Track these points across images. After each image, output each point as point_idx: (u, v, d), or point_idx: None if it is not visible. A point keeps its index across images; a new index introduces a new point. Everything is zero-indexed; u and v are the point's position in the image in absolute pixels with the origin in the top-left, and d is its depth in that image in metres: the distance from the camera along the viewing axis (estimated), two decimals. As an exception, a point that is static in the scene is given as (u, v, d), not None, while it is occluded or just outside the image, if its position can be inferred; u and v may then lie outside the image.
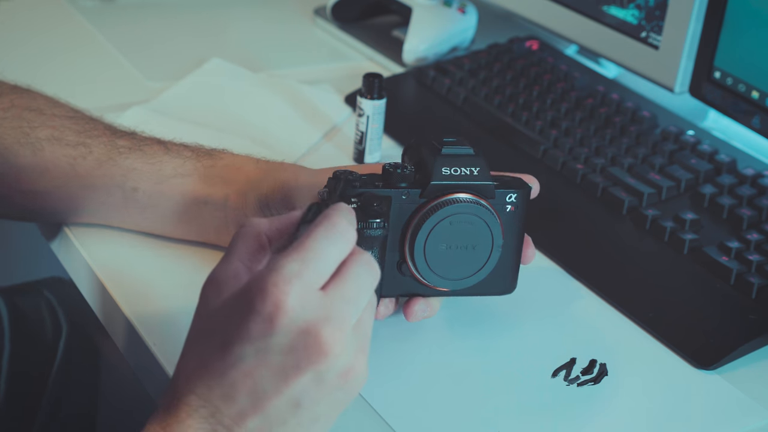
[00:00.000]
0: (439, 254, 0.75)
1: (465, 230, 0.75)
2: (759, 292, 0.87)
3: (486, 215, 0.75)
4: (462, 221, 0.75)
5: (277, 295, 0.59)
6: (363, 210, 0.72)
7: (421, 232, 0.74)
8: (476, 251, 0.76)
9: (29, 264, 1.13)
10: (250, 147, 1.04)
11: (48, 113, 0.87)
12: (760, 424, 0.77)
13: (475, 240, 0.76)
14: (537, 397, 0.77)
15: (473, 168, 0.75)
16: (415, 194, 0.74)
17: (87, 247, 0.88)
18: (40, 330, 1.07)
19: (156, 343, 0.78)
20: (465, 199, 0.74)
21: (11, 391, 1.04)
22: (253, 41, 1.30)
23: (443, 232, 0.75)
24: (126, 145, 0.86)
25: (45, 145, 0.84)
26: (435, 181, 0.74)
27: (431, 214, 0.74)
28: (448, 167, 0.74)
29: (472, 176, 0.75)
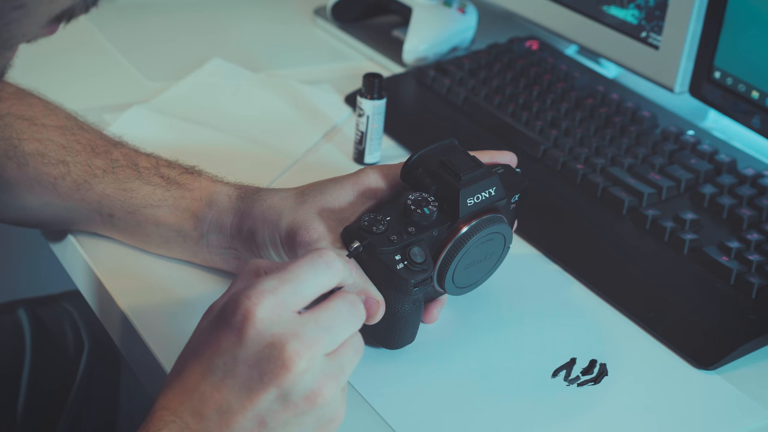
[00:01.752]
0: (464, 272, 0.78)
1: (487, 246, 0.78)
2: (759, 292, 0.86)
3: (501, 227, 0.78)
4: (485, 240, 0.78)
5: (247, 305, 0.59)
6: (411, 267, 0.74)
7: (453, 263, 0.76)
8: (492, 258, 0.80)
9: (50, 276, 1.13)
10: (250, 147, 1.04)
11: (39, 123, 0.87)
12: (760, 424, 0.77)
13: (492, 250, 0.79)
14: (537, 397, 0.77)
15: (491, 189, 0.77)
16: (443, 229, 0.76)
17: (91, 254, 0.88)
18: (62, 344, 1.08)
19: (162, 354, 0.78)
20: (487, 222, 0.77)
21: (31, 405, 1.04)
22: (253, 41, 1.30)
23: (469, 256, 0.77)
24: (101, 167, 0.85)
25: (29, 161, 0.85)
26: (463, 214, 0.76)
27: (460, 247, 0.76)
28: (472, 197, 0.76)
29: (491, 198, 0.77)
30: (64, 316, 1.10)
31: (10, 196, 0.86)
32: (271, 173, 0.99)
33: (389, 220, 0.75)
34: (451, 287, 0.78)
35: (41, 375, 1.05)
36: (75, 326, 1.09)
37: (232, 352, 0.60)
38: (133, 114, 1.07)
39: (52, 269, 0.98)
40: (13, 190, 0.86)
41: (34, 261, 1.37)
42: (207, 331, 0.62)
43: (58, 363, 1.07)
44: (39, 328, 1.07)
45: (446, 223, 0.76)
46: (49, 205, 0.86)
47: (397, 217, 0.75)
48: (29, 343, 1.06)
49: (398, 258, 0.74)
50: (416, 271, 0.74)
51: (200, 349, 0.61)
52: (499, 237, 0.79)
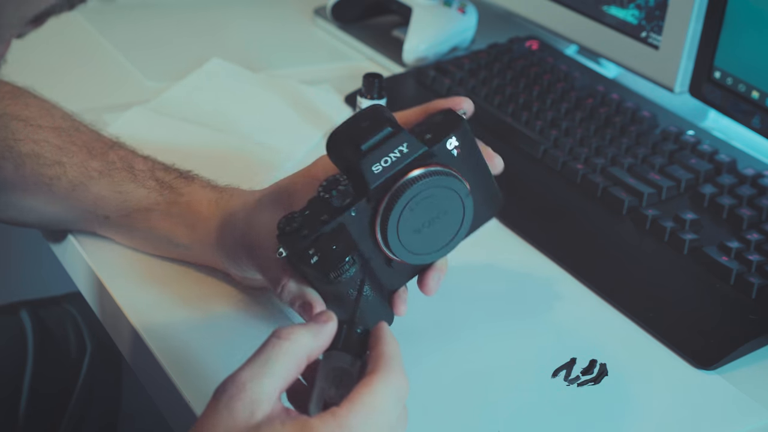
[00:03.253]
0: (419, 237, 0.71)
1: (429, 204, 0.71)
2: (759, 292, 0.86)
3: (438, 181, 0.70)
4: (421, 200, 0.70)
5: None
6: (325, 258, 0.68)
7: (390, 233, 0.70)
8: (450, 213, 0.72)
9: (52, 277, 1.13)
10: (250, 147, 1.04)
11: (34, 124, 0.87)
12: (760, 424, 0.77)
13: (444, 205, 0.71)
14: (537, 398, 0.77)
15: (401, 147, 0.69)
16: (362, 205, 0.70)
17: (91, 255, 0.88)
18: (64, 346, 1.07)
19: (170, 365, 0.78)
20: (411, 181, 0.69)
21: (33, 407, 1.04)
22: (253, 41, 1.30)
23: (410, 219, 0.70)
24: (97, 169, 0.85)
25: (26, 161, 0.85)
26: (373, 184, 0.69)
27: (389, 215, 0.69)
28: (378, 162, 0.69)
29: (404, 155, 0.69)
30: (67, 318, 1.10)
31: (7, 196, 0.86)
32: (271, 173, 0.99)
33: (306, 215, 0.70)
34: (408, 256, 0.72)
35: (43, 377, 1.05)
36: (77, 328, 1.09)
37: None
38: (134, 115, 1.07)
39: (55, 271, 0.98)
40: (10, 191, 0.86)
41: (37, 262, 1.37)
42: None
43: (60, 365, 1.07)
44: (41, 330, 1.07)
45: (362, 199, 0.69)
46: (46, 206, 0.86)
47: (315, 208, 0.71)
48: (31, 345, 1.06)
49: (311, 252, 0.69)
50: (332, 259, 0.68)
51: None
52: (445, 192, 0.71)
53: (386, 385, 0.61)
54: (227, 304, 0.82)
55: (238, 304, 0.82)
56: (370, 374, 0.61)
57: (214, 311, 0.82)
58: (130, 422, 1.11)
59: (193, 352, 0.78)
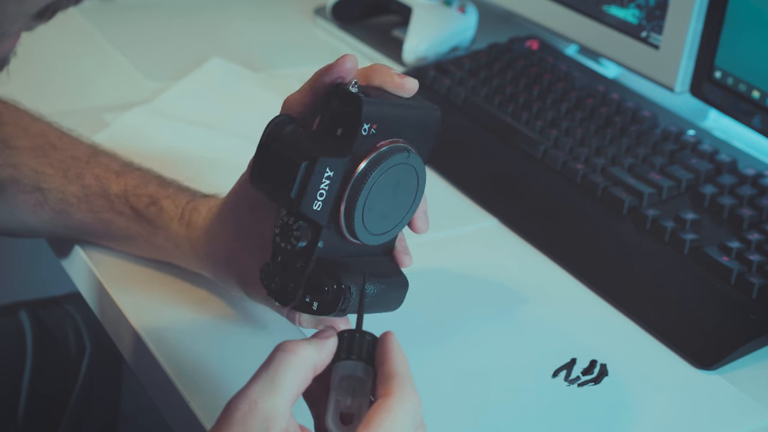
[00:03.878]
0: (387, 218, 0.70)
1: (382, 192, 0.68)
2: (759, 292, 0.86)
3: (377, 171, 0.67)
4: (374, 194, 0.67)
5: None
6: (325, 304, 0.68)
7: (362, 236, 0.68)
8: (403, 182, 0.69)
9: (52, 278, 1.13)
10: (250, 147, 1.04)
11: (11, 146, 0.86)
12: (761, 424, 0.77)
13: (395, 181, 0.68)
14: (537, 398, 0.77)
15: (327, 174, 0.66)
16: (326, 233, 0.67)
17: (91, 256, 0.88)
18: (63, 347, 1.07)
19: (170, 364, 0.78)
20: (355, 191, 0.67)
21: (32, 408, 1.03)
22: (253, 41, 1.30)
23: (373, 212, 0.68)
24: (76, 194, 0.85)
25: (6, 188, 0.86)
26: (323, 219, 0.67)
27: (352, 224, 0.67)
28: (315, 199, 0.66)
29: (335, 179, 0.66)
30: (66, 319, 1.10)
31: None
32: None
33: (281, 263, 0.68)
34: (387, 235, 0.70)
35: (42, 377, 1.05)
36: (77, 329, 1.09)
37: None
38: (134, 115, 1.07)
39: (55, 271, 0.98)
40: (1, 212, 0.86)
41: (37, 263, 1.37)
42: None
43: (59, 365, 1.07)
44: (41, 331, 1.07)
45: (320, 230, 0.67)
46: (32, 231, 0.87)
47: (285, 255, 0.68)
48: (30, 346, 1.05)
49: (308, 300, 0.68)
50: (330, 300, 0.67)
51: None
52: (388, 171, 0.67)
53: (403, 409, 0.61)
54: (228, 306, 0.82)
55: (238, 306, 0.82)
56: (385, 397, 0.61)
57: (215, 312, 0.82)
58: (130, 423, 1.11)
59: (193, 354, 0.78)
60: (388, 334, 0.65)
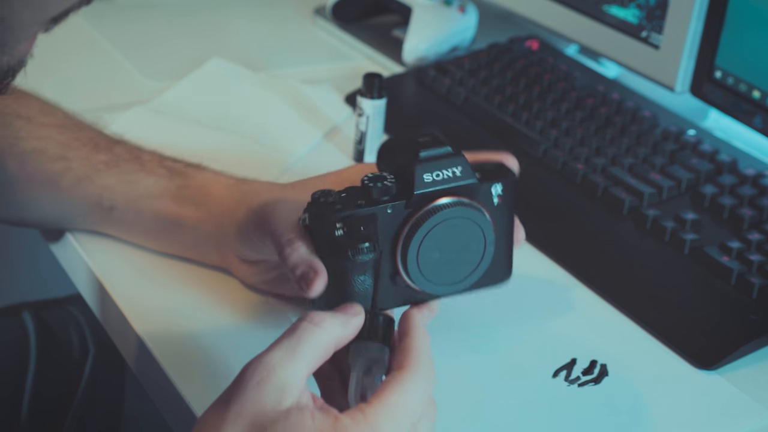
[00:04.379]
0: (433, 261, 0.73)
1: (456, 234, 0.72)
2: (760, 292, 0.86)
3: (474, 215, 0.72)
4: (452, 226, 0.72)
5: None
6: (350, 235, 0.69)
7: (412, 244, 0.72)
8: (469, 252, 0.74)
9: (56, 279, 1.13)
10: (250, 146, 1.04)
11: (36, 122, 0.87)
12: (761, 424, 0.77)
13: (467, 242, 0.73)
14: (537, 398, 0.77)
15: (455, 168, 0.71)
16: (400, 206, 0.71)
17: (88, 251, 0.88)
18: (67, 348, 1.07)
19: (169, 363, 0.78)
20: (452, 203, 0.71)
21: (35, 409, 1.03)
22: (253, 41, 1.30)
23: (434, 240, 0.72)
24: (104, 161, 0.85)
25: (29, 158, 0.85)
26: (419, 190, 0.71)
27: (420, 225, 0.71)
28: (430, 173, 0.71)
29: (455, 178, 0.72)
30: (70, 320, 1.10)
31: (8, 194, 0.86)
32: (271, 173, 0.99)
33: (344, 196, 0.71)
34: (417, 274, 0.72)
35: (46, 379, 1.05)
36: (80, 330, 1.09)
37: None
38: (134, 115, 1.07)
39: (57, 273, 0.98)
40: (12, 188, 0.86)
41: (40, 264, 1.37)
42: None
43: (62, 367, 1.07)
44: (44, 332, 1.07)
45: (402, 201, 0.71)
46: (49, 202, 0.86)
47: (353, 192, 0.72)
48: (34, 347, 1.05)
49: (339, 225, 0.70)
50: (356, 237, 0.69)
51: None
52: (475, 228, 0.72)
53: (415, 382, 0.61)
54: (229, 307, 0.82)
55: (240, 307, 0.82)
56: (400, 370, 0.62)
57: (216, 314, 0.82)
58: (133, 425, 1.11)
59: (194, 355, 0.78)
60: (410, 312, 0.65)
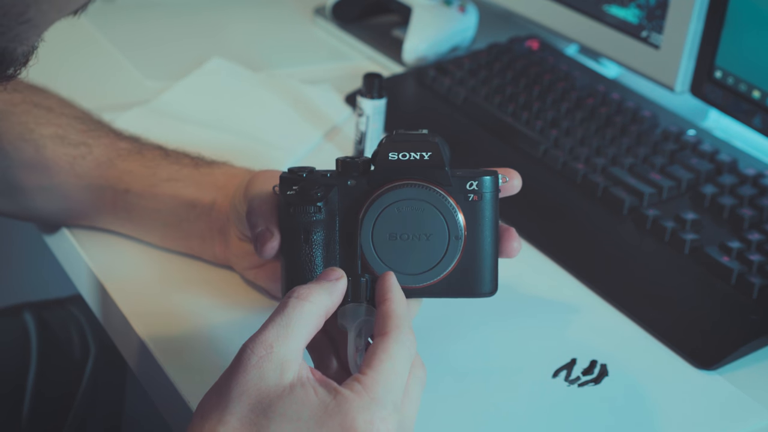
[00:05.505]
0: (387, 244, 0.70)
1: (415, 217, 0.70)
2: (760, 292, 0.86)
3: (436, 201, 0.69)
4: (411, 208, 0.70)
5: (380, 429, 0.60)
6: (301, 195, 0.70)
7: (365, 221, 0.70)
8: (431, 242, 0.70)
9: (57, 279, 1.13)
10: (250, 146, 1.04)
11: (57, 111, 0.87)
12: (761, 424, 0.77)
13: (428, 229, 0.70)
14: (538, 398, 0.77)
15: (424, 152, 0.70)
16: (362, 182, 0.71)
17: (88, 251, 0.88)
18: (68, 349, 1.07)
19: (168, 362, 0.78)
20: (412, 184, 0.70)
21: (36, 410, 1.03)
22: (253, 41, 1.30)
23: (391, 220, 0.70)
24: (127, 148, 0.86)
25: (47, 143, 0.85)
26: (380, 166, 0.70)
27: (375, 201, 0.70)
28: (396, 152, 0.70)
29: (422, 161, 0.70)
30: (71, 321, 1.09)
31: (22, 178, 0.85)
32: (271, 173, 0.99)
33: (317, 171, 0.72)
34: (371, 255, 0.70)
35: (47, 379, 1.05)
36: (81, 330, 1.09)
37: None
38: (134, 115, 1.07)
39: (59, 273, 0.98)
40: (27, 172, 0.85)
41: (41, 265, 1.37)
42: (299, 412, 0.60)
43: (63, 368, 1.07)
44: (45, 332, 1.07)
45: (363, 177, 0.71)
46: (61, 186, 0.85)
47: (333, 171, 0.73)
48: (35, 347, 1.05)
49: (294, 188, 0.71)
50: (304, 199, 0.70)
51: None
52: (437, 216, 0.70)
53: (400, 347, 0.63)
54: (229, 307, 0.82)
55: (240, 307, 0.82)
56: (384, 336, 0.63)
57: (217, 314, 0.82)
58: (134, 425, 1.11)
59: (195, 356, 0.78)
60: (387, 275, 0.67)
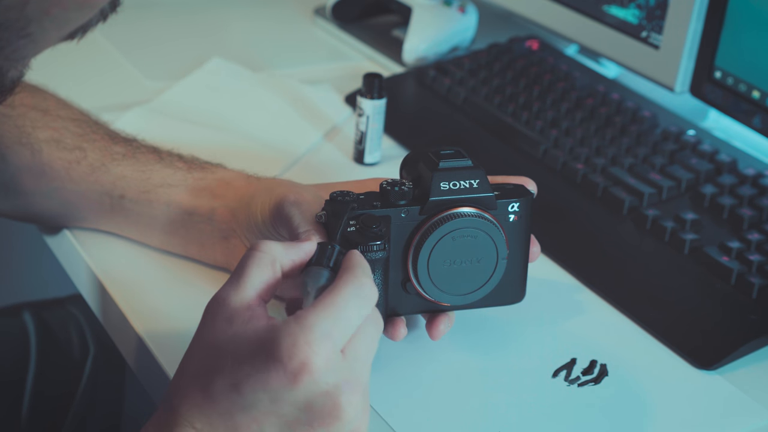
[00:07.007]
0: (444, 270, 0.74)
1: (468, 244, 0.74)
2: (759, 292, 0.86)
3: (488, 228, 0.74)
4: (464, 236, 0.73)
5: (307, 353, 0.59)
6: (362, 233, 0.71)
7: (423, 250, 0.73)
8: (481, 264, 0.75)
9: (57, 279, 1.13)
10: (250, 146, 1.04)
11: (53, 114, 0.87)
12: (761, 424, 0.77)
13: (480, 254, 0.74)
14: (537, 398, 0.77)
15: (472, 180, 0.73)
16: (414, 211, 0.73)
17: (88, 251, 0.88)
18: (67, 348, 1.07)
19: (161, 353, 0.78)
20: (466, 213, 0.73)
21: (36, 410, 1.03)
22: (253, 41, 1.30)
23: (446, 249, 0.73)
24: (121, 152, 0.85)
25: (43, 147, 0.85)
26: (434, 197, 0.72)
27: (432, 231, 0.73)
28: (447, 182, 0.73)
29: (471, 189, 0.73)
30: (70, 320, 1.09)
31: (20, 182, 0.85)
32: (271, 173, 0.99)
33: (361, 197, 0.73)
34: (426, 281, 0.74)
35: (46, 379, 1.05)
36: (80, 330, 1.09)
37: (281, 393, 0.59)
38: (134, 115, 1.07)
39: (58, 272, 0.98)
40: (25, 176, 0.85)
41: (41, 264, 1.37)
42: (240, 353, 0.60)
43: (63, 367, 1.07)
44: (44, 332, 1.07)
45: (417, 206, 0.73)
46: (59, 191, 0.85)
47: (371, 196, 0.74)
48: (34, 347, 1.05)
49: (352, 222, 0.71)
50: (368, 234, 0.71)
51: (237, 376, 0.59)
52: (487, 241, 0.74)
53: (347, 286, 0.62)
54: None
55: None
56: (336, 281, 0.63)
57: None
58: (134, 424, 1.11)
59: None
60: (353, 251, 0.66)
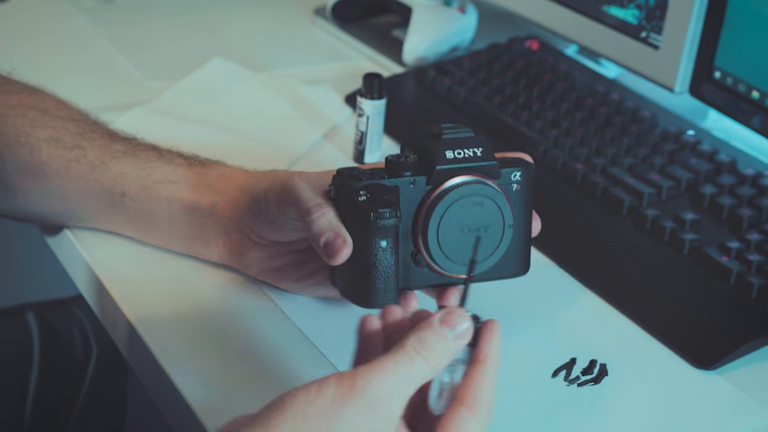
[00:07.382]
0: (453, 239, 0.74)
1: (476, 212, 0.74)
2: (759, 292, 0.87)
3: (495, 195, 0.74)
4: (472, 203, 0.74)
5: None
6: (373, 201, 0.72)
7: (432, 219, 0.74)
8: (489, 233, 0.75)
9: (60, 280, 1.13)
10: (251, 146, 1.04)
11: (52, 114, 0.87)
12: (761, 424, 0.77)
13: (487, 221, 0.75)
14: (537, 398, 0.77)
15: (476, 149, 0.74)
16: (421, 182, 0.74)
17: (88, 251, 0.88)
18: (70, 349, 1.07)
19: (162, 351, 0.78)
20: (472, 181, 0.74)
21: (38, 411, 1.03)
22: (253, 41, 1.30)
23: (454, 217, 0.74)
24: (120, 150, 0.85)
25: (43, 146, 0.85)
26: (440, 165, 0.73)
27: (440, 199, 0.73)
28: (452, 150, 0.73)
29: (476, 157, 0.74)
30: (73, 321, 1.09)
31: (20, 181, 0.85)
32: (272, 173, 0.99)
33: (368, 171, 0.74)
34: (437, 251, 0.74)
35: (49, 380, 1.05)
36: (83, 331, 1.08)
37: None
38: (134, 115, 1.07)
39: (61, 273, 0.98)
40: (24, 175, 0.85)
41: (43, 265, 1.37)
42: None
43: (65, 368, 1.06)
44: (47, 333, 1.07)
45: (424, 177, 0.74)
46: (59, 190, 0.85)
47: (377, 170, 0.75)
48: (37, 348, 1.05)
49: (362, 192, 0.73)
50: (378, 202, 0.72)
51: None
52: (494, 208, 0.75)
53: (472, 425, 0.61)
54: (231, 309, 0.82)
55: (242, 309, 0.82)
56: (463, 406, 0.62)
57: (218, 314, 0.82)
58: (136, 426, 1.11)
59: (196, 356, 0.78)
60: (492, 325, 0.65)
